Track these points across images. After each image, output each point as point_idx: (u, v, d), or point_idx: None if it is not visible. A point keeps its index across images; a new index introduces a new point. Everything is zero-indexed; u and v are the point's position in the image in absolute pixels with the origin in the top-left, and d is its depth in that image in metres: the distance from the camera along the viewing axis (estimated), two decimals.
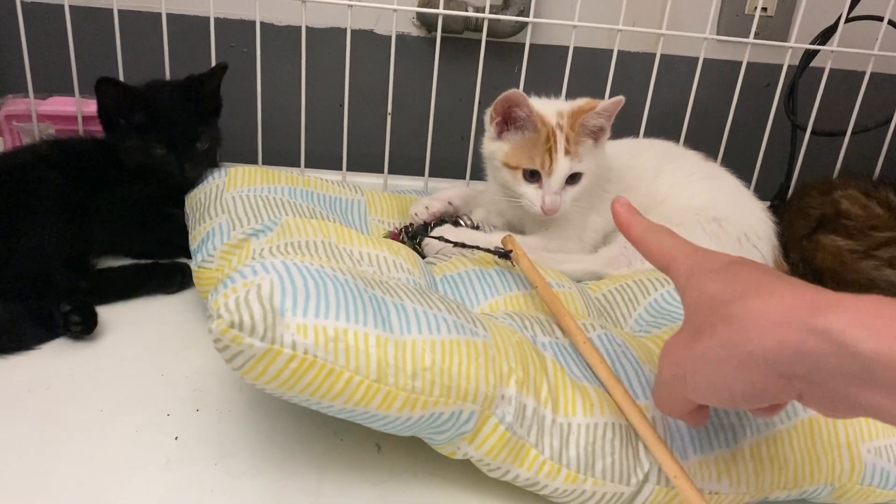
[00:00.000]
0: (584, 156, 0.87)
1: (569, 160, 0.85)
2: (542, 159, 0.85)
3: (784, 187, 1.18)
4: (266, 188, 0.86)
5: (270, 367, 0.50)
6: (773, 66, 1.16)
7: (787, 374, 0.41)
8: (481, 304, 0.73)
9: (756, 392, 0.43)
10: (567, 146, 0.85)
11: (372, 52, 1.19)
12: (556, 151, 0.85)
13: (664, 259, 0.54)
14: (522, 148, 0.87)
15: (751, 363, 0.42)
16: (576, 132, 0.85)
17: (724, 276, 0.47)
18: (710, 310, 0.46)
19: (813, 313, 0.40)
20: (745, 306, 0.43)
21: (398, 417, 0.54)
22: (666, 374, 0.51)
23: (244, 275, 0.53)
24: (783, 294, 0.43)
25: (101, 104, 0.90)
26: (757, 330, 0.42)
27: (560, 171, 0.85)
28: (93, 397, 0.66)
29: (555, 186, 0.86)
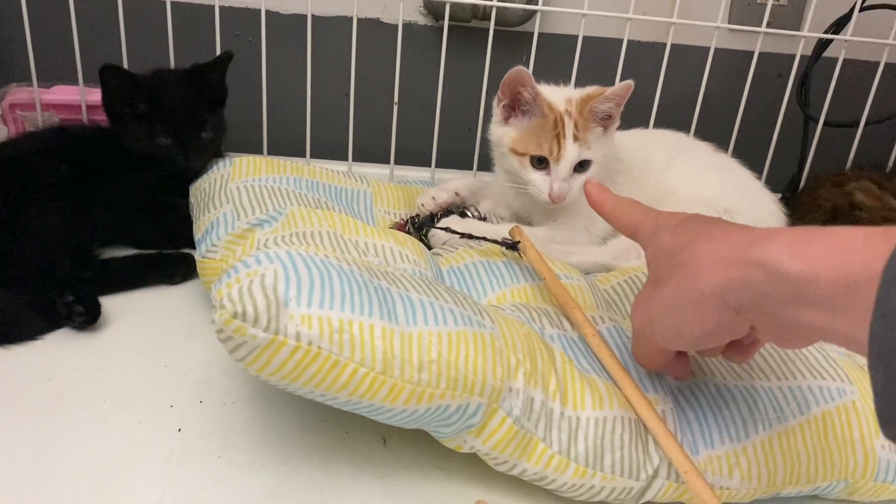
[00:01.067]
0: (593, 143, 0.85)
1: (577, 146, 0.83)
2: (550, 145, 0.83)
3: (796, 179, 1.16)
4: (271, 178, 0.85)
5: (274, 359, 0.50)
6: (785, 55, 1.14)
7: (735, 306, 0.45)
8: (488, 296, 0.72)
9: (714, 329, 0.47)
10: (576, 132, 0.83)
11: (378, 41, 1.18)
12: (565, 137, 0.83)
13: (631, 226, 0.58)
14: (530, 134, 0.85)
15: (704, 302, 0.46)
16: (585, 118, 0.84)
17: (679, 230, 0.51)
18: (665, 260, 0.51)
19: (750, 247, 0.43)
20: (694, 251, 0.48)
21: (404, 410, 0.53)
22: (637, 325, 0.56)
23: (248, 265, 0.52)
24: (726, 236, 0.46)
25: (106, 93, 0.90)
26: (705, 271, 0.46)
27: (568, 157, 0.83)
28: (95, 389, 0.66)
29: (563, 173, 0.84)
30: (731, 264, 0.44)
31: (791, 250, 0.41)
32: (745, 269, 0.43)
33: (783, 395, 0.62)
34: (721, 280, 0.45)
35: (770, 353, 0.66)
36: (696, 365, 0.65)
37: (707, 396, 0.62)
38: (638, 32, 1.20)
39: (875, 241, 0.38)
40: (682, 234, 0.50)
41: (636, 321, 0.55)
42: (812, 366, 0.65)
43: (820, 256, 0.40)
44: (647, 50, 1.23)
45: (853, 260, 0.38)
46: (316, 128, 1.09)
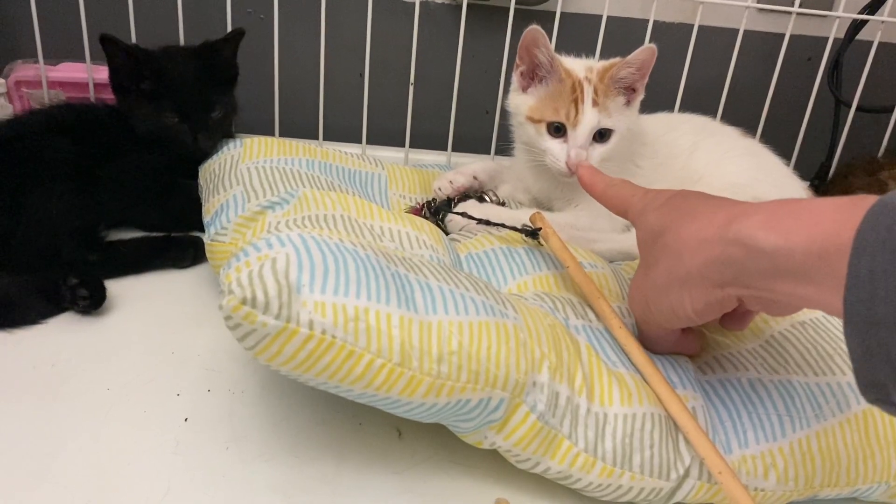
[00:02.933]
0: (614, 112, 0.81)
1: (597, 112, 0.79)
2: (567, 111, 0.79)
3: (825, 166, 1.12)
4: (283, 159, 0.82)
5: (285, 348, 0.47)
6: (816, 38, 1.10)
7: (720, 283, 0.47)
8: (508, 284, 0.69)
9: (706, 305, 0.49)
10: (595, 97, 0.80)
11: (394, 19, 1.15)
12: (583, 102, 0.79)
13: (622, 206, 0.59)
14: (547, 100, 0.81)
15: (691, 281, 0.48)
16: (605, 85, 0.80)
17: (663, 210, 0.52)
18: (652, 243, 0.52)
19: (727, 226, 0.45)
20: (677, 233, 0.49)
21: (422, 404, 0.50)
22: (637, 311, 0.57)
23: (258, 248, 0.50)
24: (706, 215, 0.48)
25: (112, 67, 0.87)
26: (689, 252, 0.48)
27: (587, 122, 0.79)
28: (100, 375, 0.63)
29: (580, 139, 0.80)
30: (711, 243, 0.46)
31: (766, 225, 0.43)
32: (725, 248, 0.45)
33: (821, 391, 0.59)
34: (703, 259, 0.47)
35: (807, 348, 0.63)
36: (728, 360, 0.62)
37: (740, 392, 0.59)
38: (664, 13, 1.16)
39: (844, 211, 0.39)
40: (666, 213, 0.52)
41: (635, 307, 0.57)
42: None
43: (793, 229, 0.41)
44: (673, 31, 1.19)
45: (823, 230, 0.39)
46: (329, 109, 1.06)
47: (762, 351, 0.64)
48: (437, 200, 0.85)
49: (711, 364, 0.62)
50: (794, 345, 0.64)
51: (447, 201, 0.85)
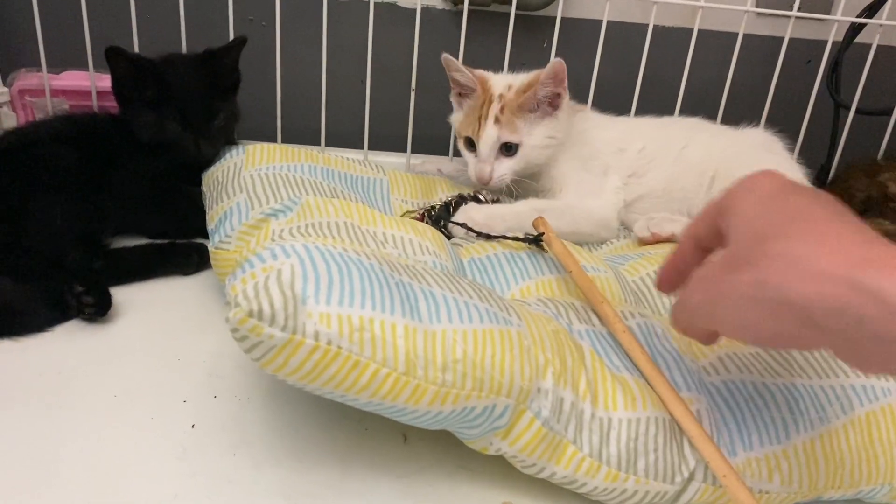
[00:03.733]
0: (522, 127, 0.85)
1: (497, 128, 0.85)
2: (474, 126, 0.86)
3: (825, 168, 1.13)
4: (286, 166, 0.82)
5: (292, 359, 0.47)
6: (814, 41, 1.10)
7: (823, 326, 0.38)
8: (511, 289, 0.69)
9: (786, 338, 0.42)
10: (499, 115, 0.85)
11: (395, 25, 1.15)
12: (485, 118, 0.85)
13: (714, 208, 0.48)
14: (466, 116, 0.88)
15: (786, 309, 0.40)
16: (519, 103, 0.85)
17: (772, 205, 0.44)
18: (752, 242, 0.43)
19: (860, 268, 0.37)
20: (788, 247, 0.40)
21: (428, 412, 0.50)
22: (695, 298, 0.46)
23: (263, 258, 0.50)
24: (830, 239, 0.39)
25: (115, 77, 0.87)
26: (797, 276, 0.39)
27: (486, 138, 0.85)
28: (106, 382, 0.64)
29: (483, 154, 0.86)
30: (831, 280, 0.37)
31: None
32: (848, 292, 0.37)
33: (825, 394, 0.59)
34: (815, 294, 0.38)
35: (810, 350, 0.63)
36: (732, 362, 0.63)
37: (745, 395, 0.59)
38: (664, 17, 1.17)
39: None
40: (776, 213, 0.43)
41: (695, 295, 0.46)
42: None
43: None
44: (673, 35, 1.19)
45: None
46: (331, 115, 1.07)
47: (766, 354, 0.64)
48: (437, 208, 0.86)
49: (716, 366, 0.63)
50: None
51: (445, 207, 0.85)
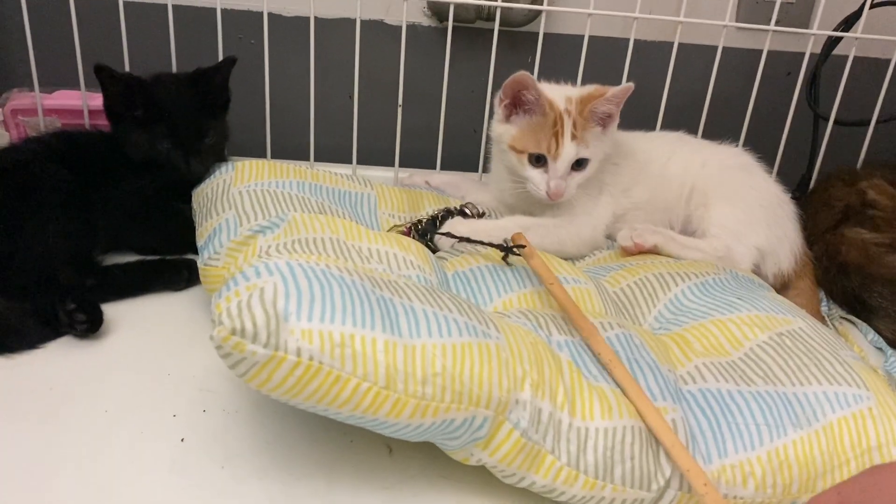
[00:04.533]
0: (591, 142, 0.86)
1: (575, 145, 0.85)
2: (548, 143, 0.85)
3: (806, 178, 1.14)
4: (274, 182, 0.84)
5: (275, 374, 0.49)
6: (794, 54, 1.12)
7: None
8: (494, 302, 0.70)
9: None
10: (574, 131, 0.85)
11: (382, 42, 1.17)
12: (563, 136, 0.85)
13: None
14: (530, 132, 0.87)
15: None
16: (584, 118, 0.85)
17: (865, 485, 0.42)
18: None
19: None
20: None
21: (409, 424, 0.52)
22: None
23: (247, 276, 0.51)
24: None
25: (106, 95, 0.89)
26: None
27: (566, 155, 0.85)
28: (97, 398, 0.65)
29: (560, 171, 0.85)
30: None
31: None
32: None
33: (798, 401, 0.61)
34: None
35: (784, 359, 0.65)
36: (706, 370, 0.64)
37: (720, 403, 0.60)
38: (645, 32, 1.19)
39: None
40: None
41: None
42: (827, 371, 0.64)
43: None
44: (654, 49, 1.21)
45: None
46: (320, 130, 1.08)
47: (741, 363, 0.66)
48: (424, 222, 0.88)
49: (693, 374, 0.64)
50: (772, 356, 0.66)
51: (432, 221, 0.87)
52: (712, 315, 0.72)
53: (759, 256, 0.90)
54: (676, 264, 0.83)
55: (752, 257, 0.89)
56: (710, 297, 0.75)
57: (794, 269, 0.93)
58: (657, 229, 0.90)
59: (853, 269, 0.92)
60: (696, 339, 0.70)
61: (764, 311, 0.71)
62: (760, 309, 0.72)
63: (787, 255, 0.92)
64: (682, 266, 0.82)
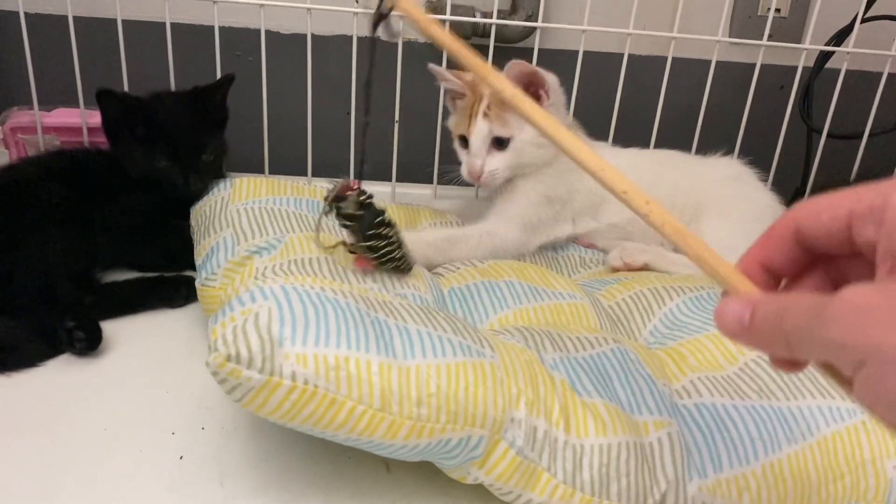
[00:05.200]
0: (513, 121, 0.86)
1: (487, 122, 0.86)
2: (466, 123, 0.87)
3: (799, 191, 1.15)
4: (271, 199, 0.84)
5: (270, 399, 0.49)
6: (787, 67, 1.13)
7: None
8: (490, 319, 0.71)
9: None
10: (487, 110, 0.86)
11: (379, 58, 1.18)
12: (476, 114, 0.87)
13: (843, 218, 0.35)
14: (459, 115, 0.91)
15: None
16: (498, 101, 0.86)
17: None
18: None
19: None
20: None
21: (404, 445, 0.52)
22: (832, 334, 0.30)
23: (242, 301, 0.52)
24: None
25: (106, 118, 0.89)
26: None
27: (477, 132, 0.87)
28: (97, 415, 0.65)
29: (474, 148, 0.87)
30: None
31: None
32: None
33: (792, 415, 0.61)
34: None
35: (779, 373, 0.65)
36: (701, 385, 0.65)
37: (715, 417, 0.61)
38: (639, 47, 1.20)
39: None
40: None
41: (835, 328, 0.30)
42: (821, 385, 0.64)
43: None
44: (648, 63, 1.22)
45: None
46: (317, 146, 1.09)
47: (736, 378, 0.66)
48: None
49: (688, 389, 0.65)
50: (766, 371, 0.66)
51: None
52: (707, 329, 0.73)
53: None
54: (671, 278, 0.83)
55: None
56: (704, 311, 0.76)
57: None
58: (646, 248, 0.90)
59: None
60: (691, 354, 0.70)
61: None
62: None
63: None
64: (677, 280, 0.82)
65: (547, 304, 0.74)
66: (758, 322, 0.35)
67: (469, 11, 1.14)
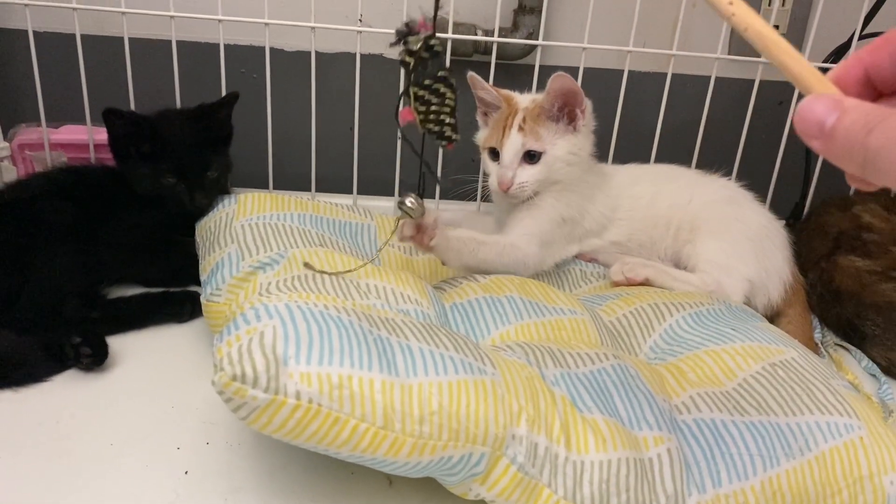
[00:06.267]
0: (545, 136, 0.88)
1: (521, 136, 0.88)
2: (498, 136, 0.89)
3: (799, 206, 1.16)
4: (275, 215, 0.85)
5: (275, 418, 0.50)
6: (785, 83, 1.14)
7: None
8: (492, 334, 0.72)
9: None
10: (522, 123, 0.88)
11: (381, 75, 1.19)
12: (510, 127, 0.88)
13: None
14: (492, 129, 0.92)
15: None
16: (535, 112, 0.88)
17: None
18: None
19: None
20: None
21: (407, 462, 0.53)
22: None
23: (247, 319, 0.53)
24: None
25: (111, 134, 0.91)
26: None
27: (511, 144, 0.88)
28: (103, 430, 0.66)
29: (506, 160, 0.89)
30: None
31: None
32: None
33: (791, 431, 0.62)
34: None
35: (777, 389, 0.66)
36: (700, 400, 0.65)
37: (714, 433, 0.62)
38: (638, 63, 1.21)
39: None
40: None
41: None
42: (819, 401, 0.65)
43: None
44: (648, 80, 1.24)
45: None
46: (321, 162, 1.10)
47: (735, 393, 0.67)
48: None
49: (688, 404, 0.66)
50: (765, 387, 0.67)
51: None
52: (706, 345, 0.73)
53: (750, 288, 0.90)
54: (671, 294, 0.84)
55: (744, 289, 0.90)
56: (704, 327, 0.77)
57: (783, 298, 0.94)
58: (648, 263, 0.91)
59: (847, 296, 0.94)
60: (691, 370, 0.71)
61: (757, 342, 0.73)
62: (753, 339, 0.73)
63: (776, 285, 0.93)
64: (677, 296, 0.83)
65: (548, 319, 0.74)
66: (841, 129, 0.31)
67: (471, 29, 1.15)
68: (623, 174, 1.01)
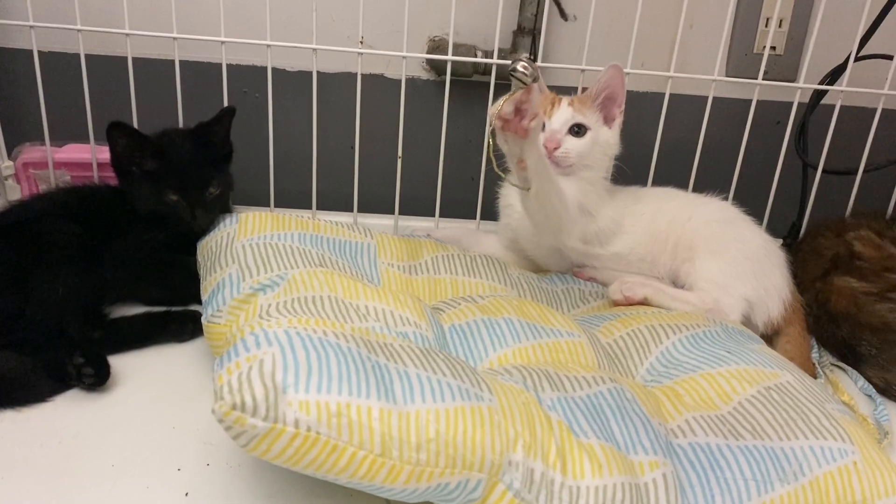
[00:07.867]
0: (590, 116, 0.94)
1: (571, 109, 0.93)
2: (546, 108, 0.94)
3: (796, 226, 1.17)
4: (276, 235, 0.86)
5: (274, 445, 0.51)
6: (783, 103, 1.15)
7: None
8: (490, 356, 0.72)
9: None
10: (571, 102, 0.94)
11: (382, 95, 1.20)
12: (559, 102, 0.94)
13: None
14: None
15: None
16: (580, 100, 0.95)
17: None
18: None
19: None
20: None
21: (405, 489, 0.54)
22: None
23: (247, 346, 0.54)
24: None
25: (114, 151, 0.92)
26: None
27: (561, 113, 0.93)
28: (104, 451, 0.67)
29: (556, 124, 0.93)
30: None
31: None
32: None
33: (785, 455, 0.63)
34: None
35: (772, 413, 0.67)
36: (696, 424, 0.66)
37: (709, 457, 0.62)
38: (637, 83, 1.23)
39: None
40: None
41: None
42: (814, 425, 0.65)
43: None
44: (646, 100, 1.25)
45: None
46: (322, 180, 1.11)
47: (730, 417, 0.67)
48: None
49: (683, 428, 0.66)
50: (760, 411, 0.67)
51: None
52: (702, 368, 0.74)
53: (747, 307, 0.91)
54: (668, 316, 0.85)
55: (741, 308, 0.91)
56: (700, 350, 0.77)
57: (783, 316, 0.94)
58: (646, 282, 0.92)
59: (842, 317, 0.94)
60: (687, 393, 0.72)
61: (752, 365, 0.73)
62: (749, 363, 0.74)
63: (776, 303, 0.94)
64: (674, 318, 0.84)
65: (545, 341, 0.75)
66: None
67: (471, 51, 1.17)
68: (626, 192, 1.03)
